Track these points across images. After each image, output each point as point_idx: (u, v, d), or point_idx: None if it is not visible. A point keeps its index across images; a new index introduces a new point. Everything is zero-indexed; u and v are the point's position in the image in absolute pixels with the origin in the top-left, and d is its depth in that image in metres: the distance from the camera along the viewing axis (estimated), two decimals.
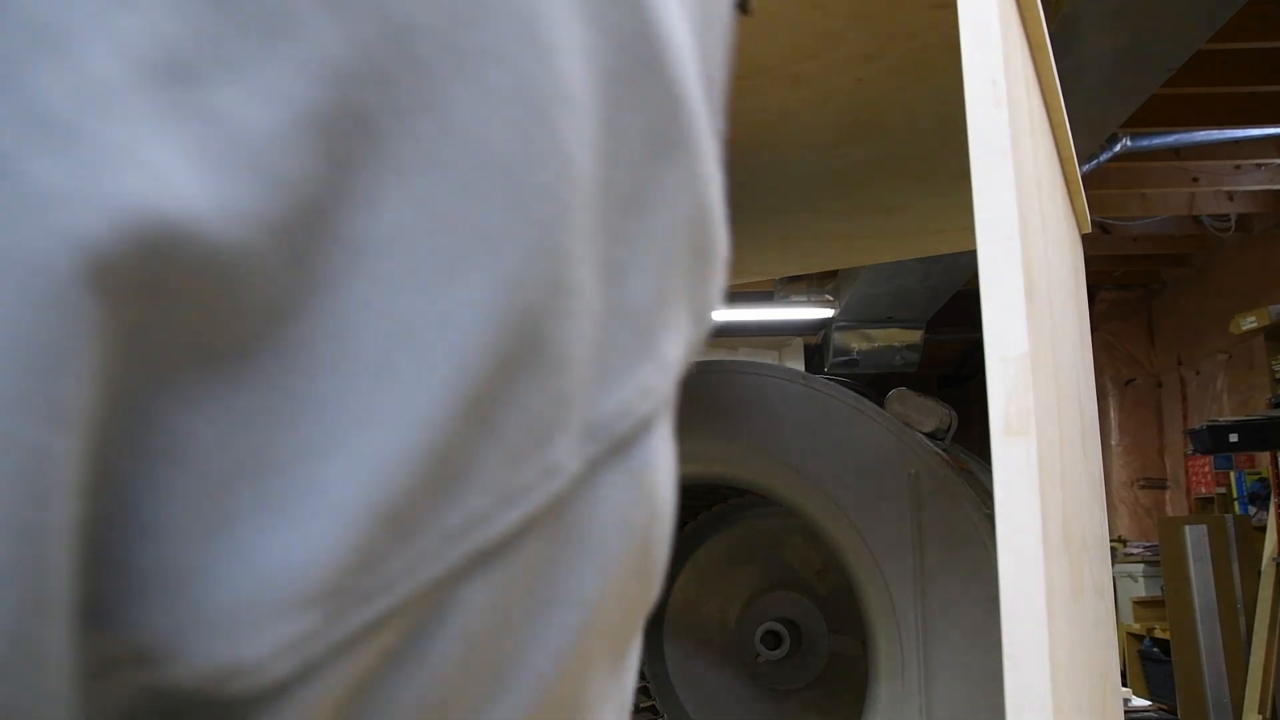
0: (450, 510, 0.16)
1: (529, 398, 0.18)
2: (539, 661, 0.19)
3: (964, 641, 0.57)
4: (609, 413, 0.20)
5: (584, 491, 0.19)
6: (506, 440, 0.17)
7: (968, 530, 0.58)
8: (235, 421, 0.14)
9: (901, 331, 4.77)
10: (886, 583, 0.60)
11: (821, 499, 0.63)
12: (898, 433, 0.62)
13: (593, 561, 0.20)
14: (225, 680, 0.14)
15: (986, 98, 0.43)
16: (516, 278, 0.17)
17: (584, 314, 0.19)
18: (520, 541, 0.18)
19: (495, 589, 0.18)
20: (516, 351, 0.17)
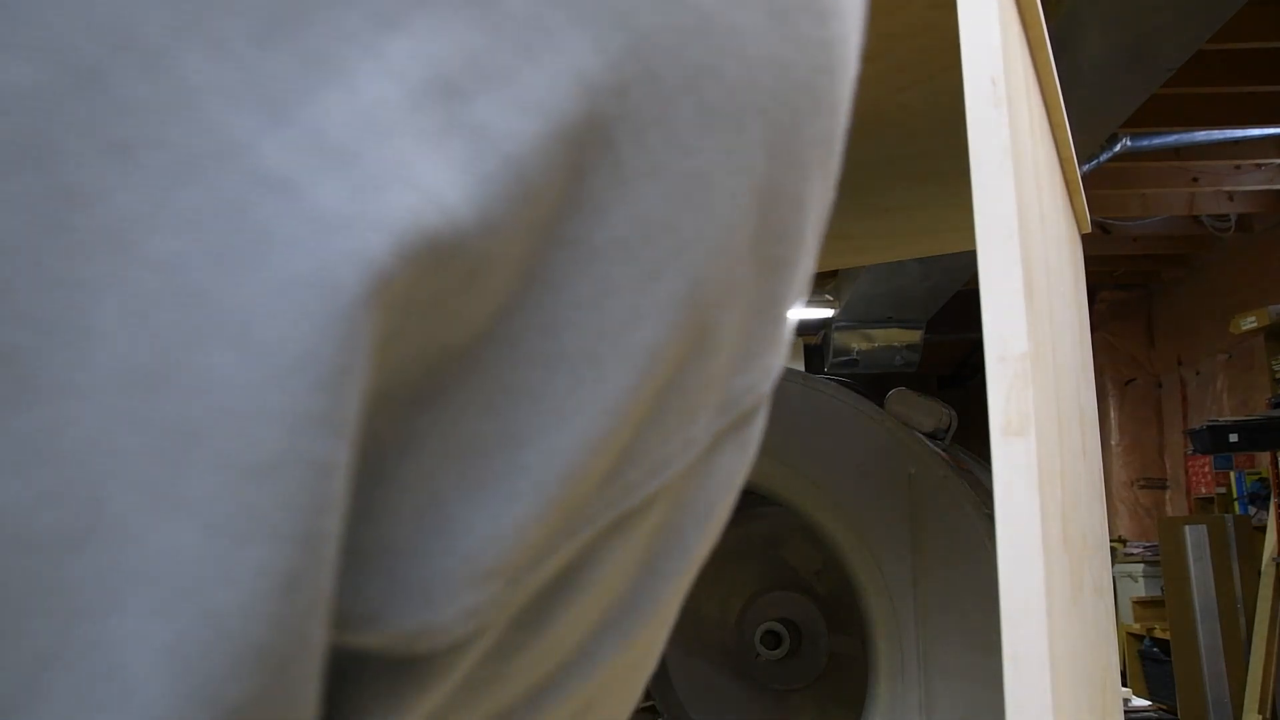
0: (613, 482, 0.18)
1: (689, 381, 0.19)
2: (643, 606, 0.21)
3: (964, 641, 0.57)
4: (740, 390, 0.21)
5: (706, 461, 0.21)
6: (666, 420, 0.19)
7: (967, 530, 0.58)
8: (454, 412, 0.16)
9: (901, 331, 4.77)
10: (886, 582, 0.60)
11: (821, 499, 0.63)
12: (897, 433, 0.62)
13: (699, 523, 0.22)
14: (414, 641, 0.16)
15: (986, 98, 0.43)
16: (703, 277, 0.18)
17: (741, 304, 0.20)
18: (653, 504, 0.19)
19: (625, 548, 0.19)
20: (691, 342, 0.18)
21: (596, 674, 0.21)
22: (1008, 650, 0.38)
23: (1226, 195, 4.53)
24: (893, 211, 0.89)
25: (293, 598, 0.13)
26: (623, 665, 0.22)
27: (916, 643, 0.57)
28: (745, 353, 0.21)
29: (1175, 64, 2.39)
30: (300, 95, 0.13)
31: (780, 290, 0.22)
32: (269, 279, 0.13)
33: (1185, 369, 5.75)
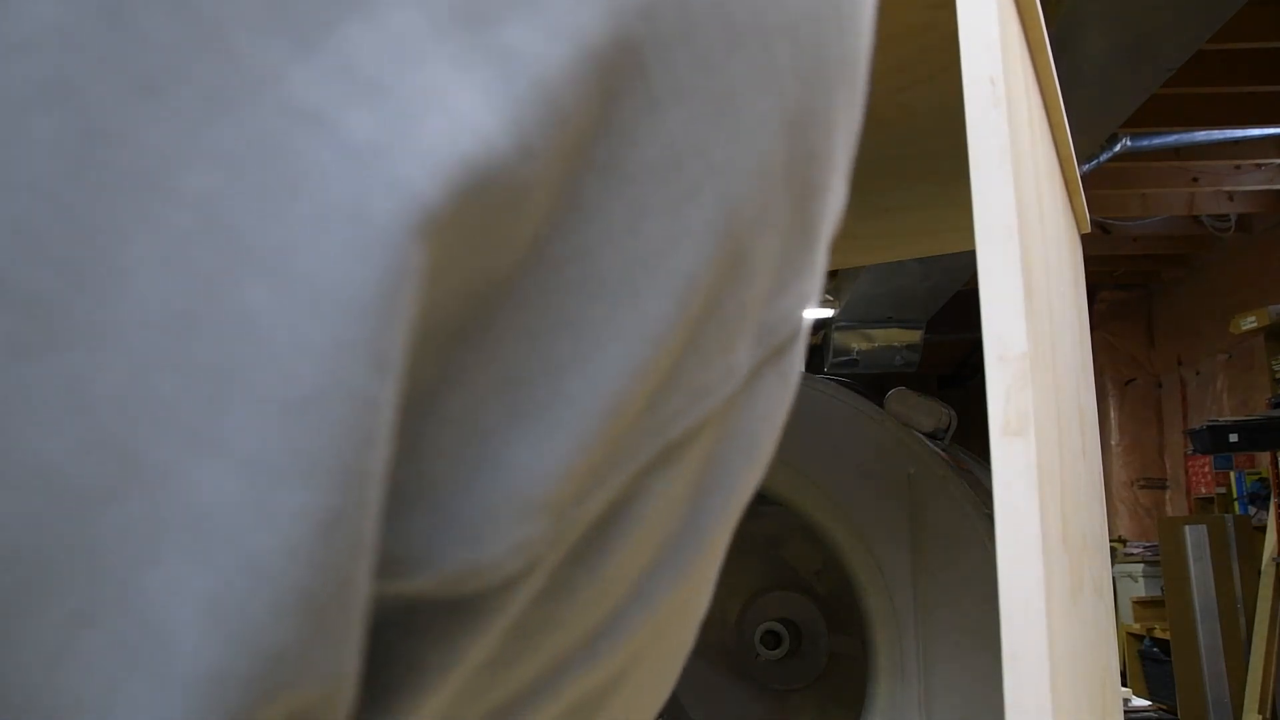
0: (656, 410, 0.18)
1: (726, 307, 0.19)
2: (693, 541, 0.21)
3: (963, 641, 0.57)
4: (776, 318, 0.21)
5: (748, 392, 0.21)
6: (705, 346, 0.18)
7: (967, 530, 0.58)
8: (496, 342, 0.15)
9: (901, 331, 4.77)
10: (886, 583, 0.60)
11: (821, 499, 0.63)
12: (897, 433, 0.62)
13: (744, 455, 0.22)
14: (462, 581, 0.15)
15: (985, 98, 0.43)
16: (737, 201, 0.18)
17: (776, 229, 0.20)
18: (698, 436, 0.19)
19: (671, 480, 0.19)
20: (727, 267, 0.18)
21: (651, 614, 0.20)
22: (1007, 650, 0.38)
23: (1226, 195, 4.53)
24: (893, 211, 0.89)
25: (335, 539, 0.13)
26: (676, 605, 0.22)
27: (916, 643, 0.57)
28: (780, 279, 0.21)
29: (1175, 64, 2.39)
30: (326, 25, 0.13)
31: (814, 214, 0.22)
32: (306, 212, 0.12)
33: (1185, 369, 5.75)
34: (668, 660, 0.24)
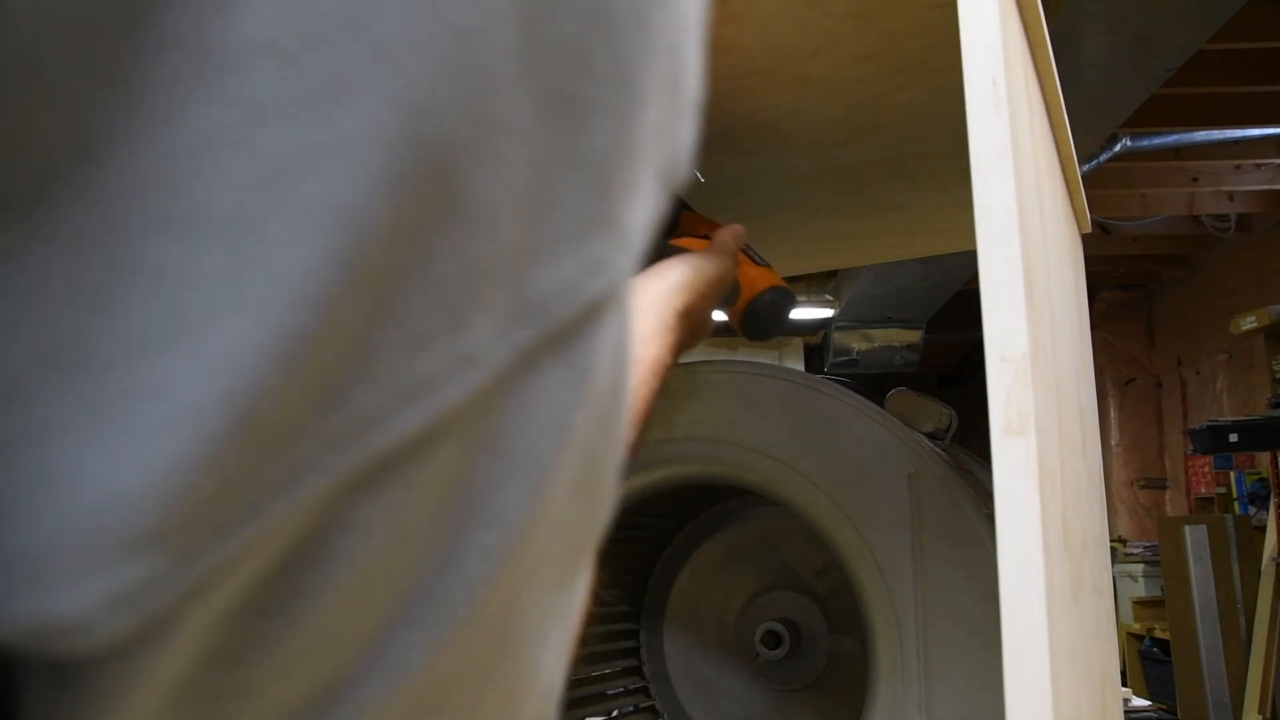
0: (334, 410, 0.13)
1: (440, 263, 0.14)
2: (451, 593, 0.16)
3: (964, 641, 0.57)
4: (548, 291, 0.16)
5: (513, 389, 0.16)
6: (409, 319, 0.14)
7: (968, 530, 0.58)
8: (30, 297, 0.11)
9: (901, 331, 4.77)
10: (886, 582, 0.60)
11: (821, 499, 0.63)
12: (897, 433, 0.62)
13: (522, 475, 0.16)
14: (47, 639, 0.12)
15: (986, 98, 0.43)
16: (422, 103, 0.13)
17: (518, 159, 0.15)
18: (428, 449, 0.15)
19: (395, 507, 0.15)
20: (424, 202, 0.14)
21: (399, 684, 0.16)
22: (1007, 650, 0.38)
23: (1226, 195, 4.53)
24: (893, 211, 0.89)
25: None
26: (445, 678, 0.16)
27: (916, 643, 0.57)
28: (546, 234, 0.16)
29: (1175, 64, 2.39)
30: None
31: (595, 145, 0.17)
32: None
33: (1185, 369, 5.75)
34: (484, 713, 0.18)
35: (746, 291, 0.66)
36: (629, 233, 0.18)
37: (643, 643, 0.88)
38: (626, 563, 0.87)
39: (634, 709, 0.85)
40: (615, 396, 0.19)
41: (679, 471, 0.71)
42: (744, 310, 0.66)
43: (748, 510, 0.87)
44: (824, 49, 0.60)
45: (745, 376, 0.68)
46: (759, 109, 0.69)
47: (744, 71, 0.63)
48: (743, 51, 0.61)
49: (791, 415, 0.65)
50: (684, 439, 0.70)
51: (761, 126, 0.71)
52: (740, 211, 0.89)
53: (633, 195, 0.18)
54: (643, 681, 0.87)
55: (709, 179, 0.81)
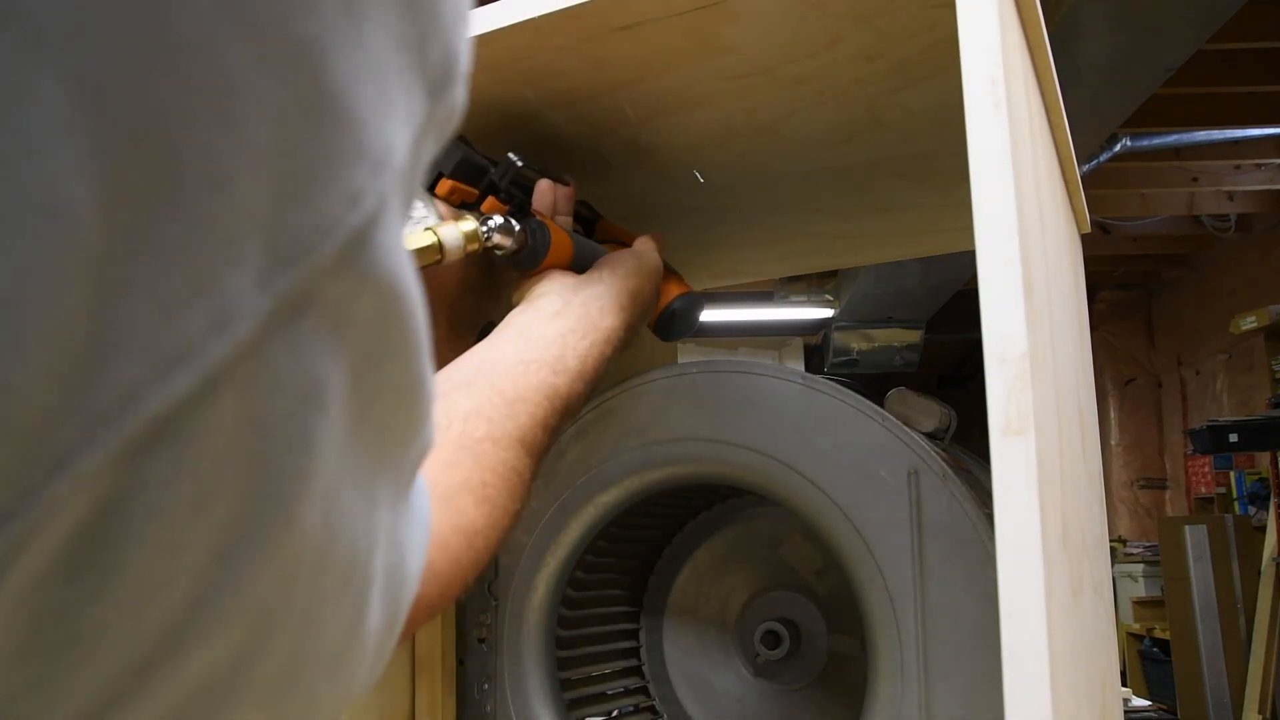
0: (91, 388, 0.14)
1: (169, 231, 0.14)
2: (268, 512, 0.17)
3: (964, 641, 0.57)
4: (304, 233, 0.16)
5: (286, 328, 0.16)
6: (152, 289, 0.14)
7: (967, 530, 0.58)
8: None
9: (901, 331, 4.77)
10: (886, 582, 0.60)
11: (821, 498, 0.63)
12: (897, 432, 0.62)
13: (308, 403, 0.17)
14: None
15: (985, 98, 0.43)
16: (109, 82, 0.13)
17: (249, 113, 0.15)
18: (206, 402, 0.15)
19: (187, 459, 0.15)
20: (134, 176, 0.14)
21: (246, 592, 0.17)
22: (1007, 650, 0.38)
23: (1226, 195, 4.53)
24: (893, 211, 0.89)
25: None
26: (282, 577, 0.18)
27: (916, 643, 0.57)
28: (294, 179, 0.16)
29: (1175, 64, 2.39)
30: None
31: (332, 80, 0.16)
32: None
33: (1185, 369, 5.75)
34: (321, 622, 0.20)
35: (663, 296, 0.72)
36: (387, 152, 0.18)
37: (643, 642, 0.88)
38: (626, 563, 0.87)
39: (634, 709, 0.85)
40: (396, 300, 0.19)
41: (679, 471, 0.71)
42: (661, 313, 0.72)
43: (748, 510, 0.87)
44: (824, 49, 0.60)
45: (745, 376, 0.68)
46: (758, 109, 0.69)
47: (743, 71, 0.63)
48: (742, 51, 0.61)
49: (791, 415, 0.65)
50: (684, 439, 0.70)
51: (760, 126, 0.71)
52: (739, 211, 0.89)
53: (385, 114, 0.18)
54: (643, 681, 0.87)
55: (708, 179, 0.81)
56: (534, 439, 0.52)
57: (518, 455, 0.50)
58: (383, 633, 0.25)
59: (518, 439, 0.50)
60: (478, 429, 0.49)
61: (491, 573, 0.77)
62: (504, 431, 0.50)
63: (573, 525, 0.75)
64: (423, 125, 0.19)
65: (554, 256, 0.65)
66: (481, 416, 0.49)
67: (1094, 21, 2.18)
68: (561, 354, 0.56)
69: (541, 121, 0.71)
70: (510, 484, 0.48)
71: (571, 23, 0.58)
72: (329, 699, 0.23)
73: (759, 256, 1.03)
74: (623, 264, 0.65)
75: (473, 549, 0.44)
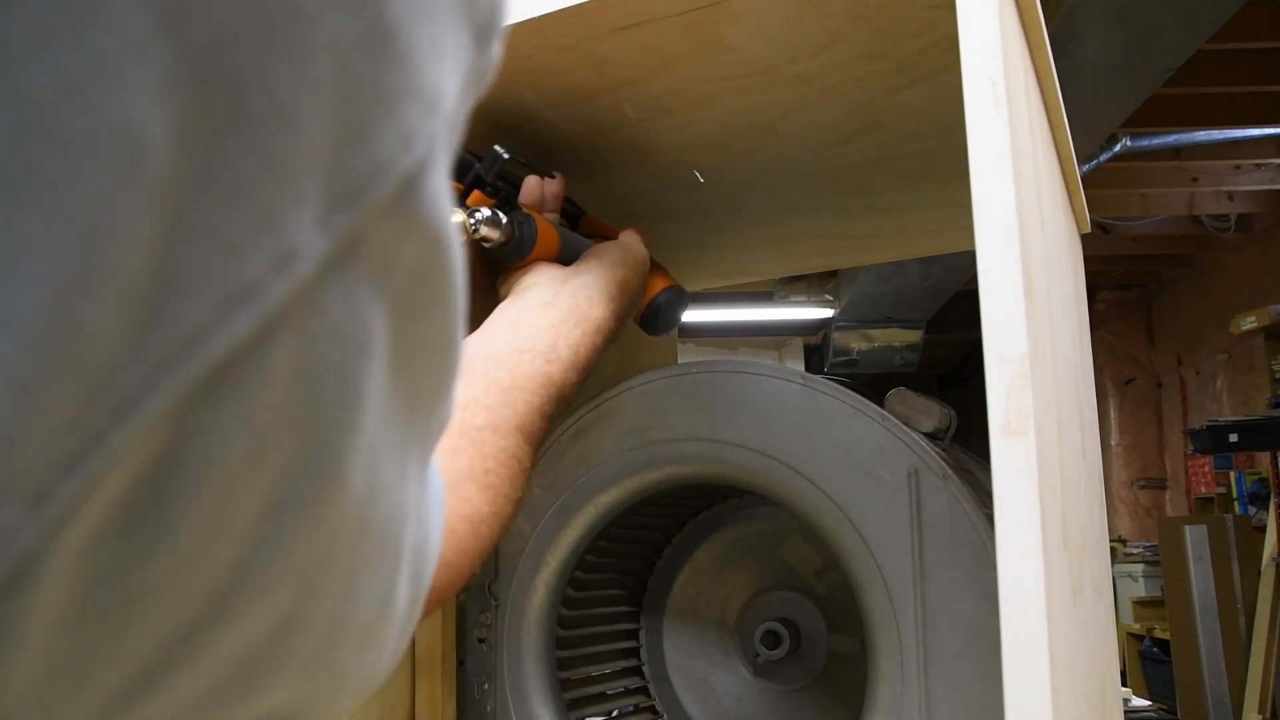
0: (156, 330, 0.13)
1: (238, 166, 0.14)
2: (321, 463, 0.17)
3: (964, 641, 0.57)
4: (361, 173, 0.16)
5: (340, 271, 0.16)
6: (218, 227, 0.14)
7: (967, 530, 0.58)
8: None
9: (901, 331, 4.77)
10: (886, 582, 0.60)
11: (820, 498, 0.64)
12: (897, 432, 0.62)
13: (361, 353, 0.17)
14: None
15: (985, 98, 0.43)
16: (182, 7, 0.13)
17: (314, 48, 0.15)
18: (265, 346, 0.15)
19: (246, 406, 0.15)
20: (205, 108, 0.13)
21: (292, 555, 0.17)
22: (1007, 650, 0.38)
23: (1226, 195, 4.53)
24: (893, 211, 0.89)
25: None
26: (327, 539, 0.18)
27: (916, 643, 0.57)
28: (354, 120, 0.16)
29: (1175, 64, 2.39)
30: None
31: (391, 17, 0.16)
32: None
33: (1185, 369, 5.75)
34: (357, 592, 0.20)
35: (648, 290, 0.73)
36: (438, 96, 0.18)
37: (643, 642, 0.88)
38: (626, 563, 0.87)
39: (634, 709, 0.85)
40: (440, 251, 0.19)
41: (679, 471, 0.71)
42: (646, 307, 0.73)
43: (748, 510, 0.87)
44: (824, 49, 0.60)
45: (745, 376, 0.68)
46: (758, 109, 0.69)
47: (743, 71, 0.63)
48: (742, 51, 0.61)
49: (791, 415, 0.65)
50: (684, 439, 0.70)
51: (761, 126, 0.71)
52: (739, 211, 0.89)
53: (437, 57, 0.18)
54: (643, 681, 0.87)
55: (708, 179, 0.81)
56: (532, 426, 0.52)
57: (517, 442, 0.50)
58: (407, 611, 0.24)
59: (516, 426, 0.50)
60: (477, 417, 0.49)
61: (492, 573, 0.77)
62: (502, 419, 0.50)
63: (572, 525, 0.75)
64: (469, 73, 0.19)
65: (541, 249, 0.65)
66: (479, 405, 0.49)
67: (1094, 21, 2.18)
68: (554, 343, 0.56)
69: (541, 121, 0.71)
70: (511, 471, 0.48)
71: (572, 23, 0.58)
72: (356, 678, 0.22)
73: (759, 256, 1.03)
74: (609, 255, 0.66)
75: (478, 537, 0.44)
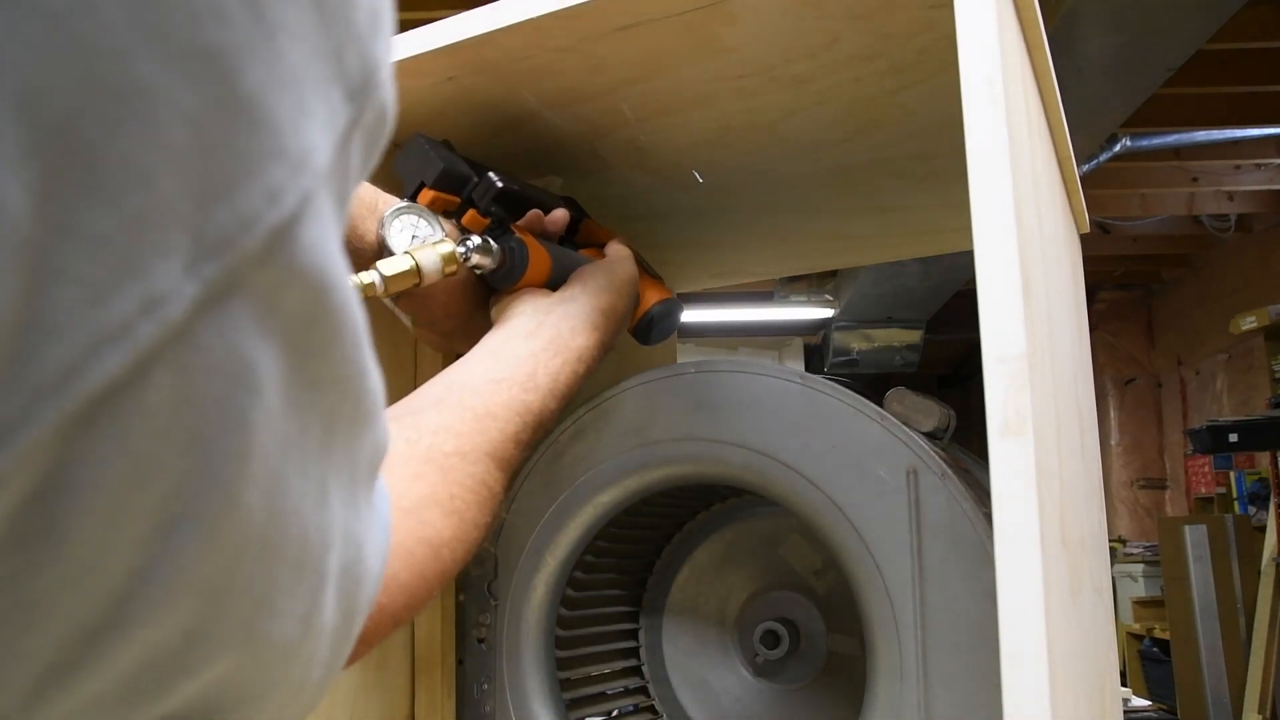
0: (29, 367, 0.15)
1: (96, 222, 0.15)
2: (207, 490, 0.18)
3: (963, 641, 0.57)
4: (229, 226, 0.17)
5: (215, 313, 0.18)
6: (82, 275, 0.15)
7: (966, 529, 0.58)
8: None
9: (901, 331, 4.77)
10: (885, 582, 0.60)
11: (819, 498, 0.64)
12: (896, 432, 0.62)
13: (240, 384, 0.19)
14: None
15: (983, 97, 0.43)
16: (34, 88, 0.15)
17: (166, 115, 0.16)
18: (140, 381, 0.17)
19: (125, 435, 0.17)
20: (60, 173, 0.15)
21: (186, 569, 0.19)
22: (1006, 649, 0.38)
23: (1226, 195, 4.53)
24: (892, 211, 0.89)
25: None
26: (227, 557, 0.20)
27: (915, 642, 0.57)
28: (215, 177, 0.17)
29: (1175, 64, 2.39)
30: None
31: (245, 87, 0.17)
32: None
33: (1185, 369, 5.75)
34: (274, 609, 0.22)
35: (642, 302, 0.73)
36: (307, 154, 0.19)
37: (642, 642, 0.88)
38: (626, 563, 0.87)
39: (634, 709, 0.85)
40: (325, 293, 0.21)
41: (678, 471, 0.71)
42: (639, 319, 0.73)
43: (747, 510, 0.87)
44: (822, 49, 0.60)
45: (745, 376, 0.68)
46: (757, 109, 0.69)
47: (742, 71, 0.63)
48: (741, 52, 0.61)
49: (790, 415, 0.65)
50: (683, 439, 0.70)
51: (759, 127, 0.72)
52: (738, 211, 0.89)
53: (304, 119, 0.19)
54: (642, 681, 0.87)
55: (707, 179, 0.81)
56: (505, 453, 0.52)
57: (487, 469, 0.50)
58: (340, 627, 0.26)
59: (487, 453, 0.51)
60: (446, 443, 0.49)
61: (491, 573, 0.77)
62: (472, 446, 0.50)
63: (572, 525, 0.75)
64: (346, 129, 0.21)
65: (533, 272, 0.65)
66: (450, 431, 0.50)
67: (1094, 21, 2.18)
68: (532, 372, 0.57)
69: (540, 122, 0.71)
70: (480, 497, 0.48)
71: (570, 23, 0.58)
72: (285, 686, 0.24)
73: (759, 256, 1.03)
74: (594, 281, 0.66)
75: (439, 560, 0.44)
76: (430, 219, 0.62)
